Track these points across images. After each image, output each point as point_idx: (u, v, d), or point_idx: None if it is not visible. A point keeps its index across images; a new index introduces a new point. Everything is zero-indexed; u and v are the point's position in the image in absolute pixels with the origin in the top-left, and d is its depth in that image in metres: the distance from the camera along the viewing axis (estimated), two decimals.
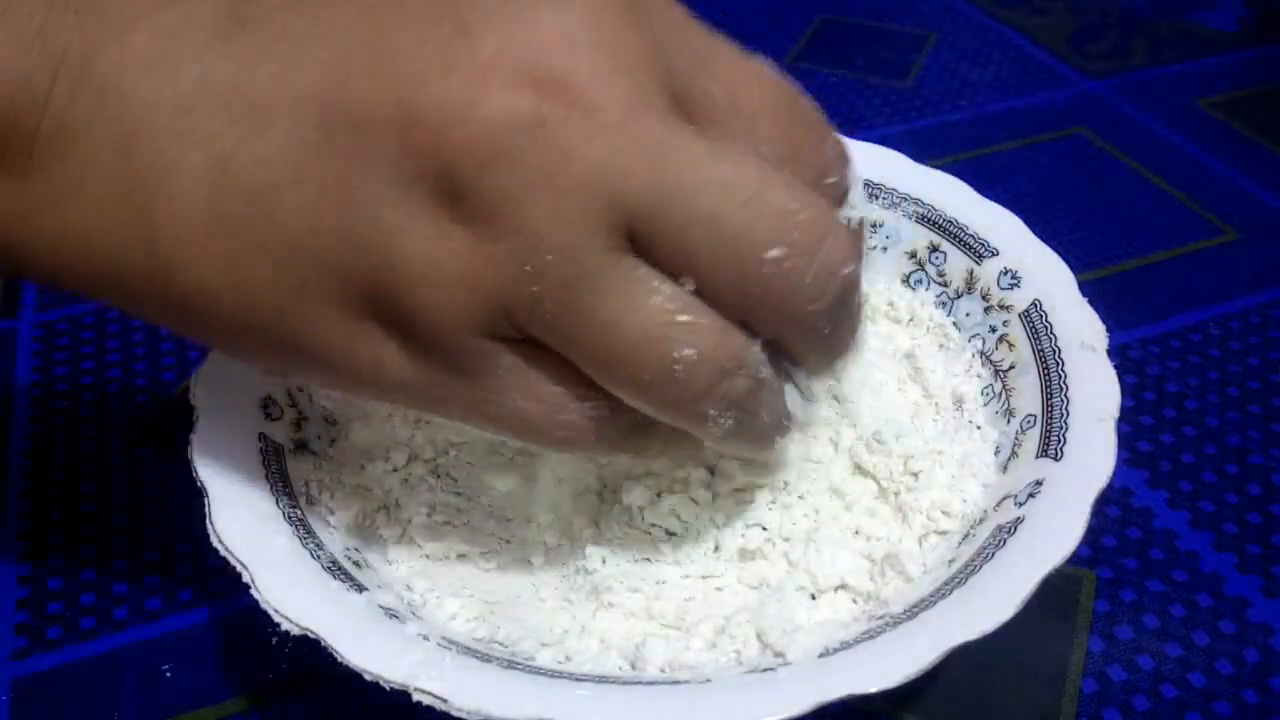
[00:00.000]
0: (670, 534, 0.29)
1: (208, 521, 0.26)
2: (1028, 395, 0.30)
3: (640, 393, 0.22)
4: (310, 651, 0.24)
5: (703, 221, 0.20)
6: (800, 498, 0.30)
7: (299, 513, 0.28)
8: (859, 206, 0.24)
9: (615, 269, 0.21)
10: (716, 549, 0.29)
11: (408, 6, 0.21)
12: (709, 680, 0.24)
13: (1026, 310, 0.32)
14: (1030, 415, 0.30)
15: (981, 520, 0.28)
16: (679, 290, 0.21)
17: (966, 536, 0.28)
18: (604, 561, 0.28)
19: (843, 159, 0.24)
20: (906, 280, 0.36)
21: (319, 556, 0.26)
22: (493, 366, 0.22)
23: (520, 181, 0.20)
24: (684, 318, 0.21)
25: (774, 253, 0.21)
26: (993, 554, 0.25)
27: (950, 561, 0.27)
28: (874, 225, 0.37)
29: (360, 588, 0.26)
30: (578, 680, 0.24)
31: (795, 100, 0.23)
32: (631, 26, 0.21)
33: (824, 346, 0.24)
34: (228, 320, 0.22)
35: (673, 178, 0.20)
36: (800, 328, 0.22)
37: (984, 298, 0.34)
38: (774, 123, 0.22)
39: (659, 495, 0.29)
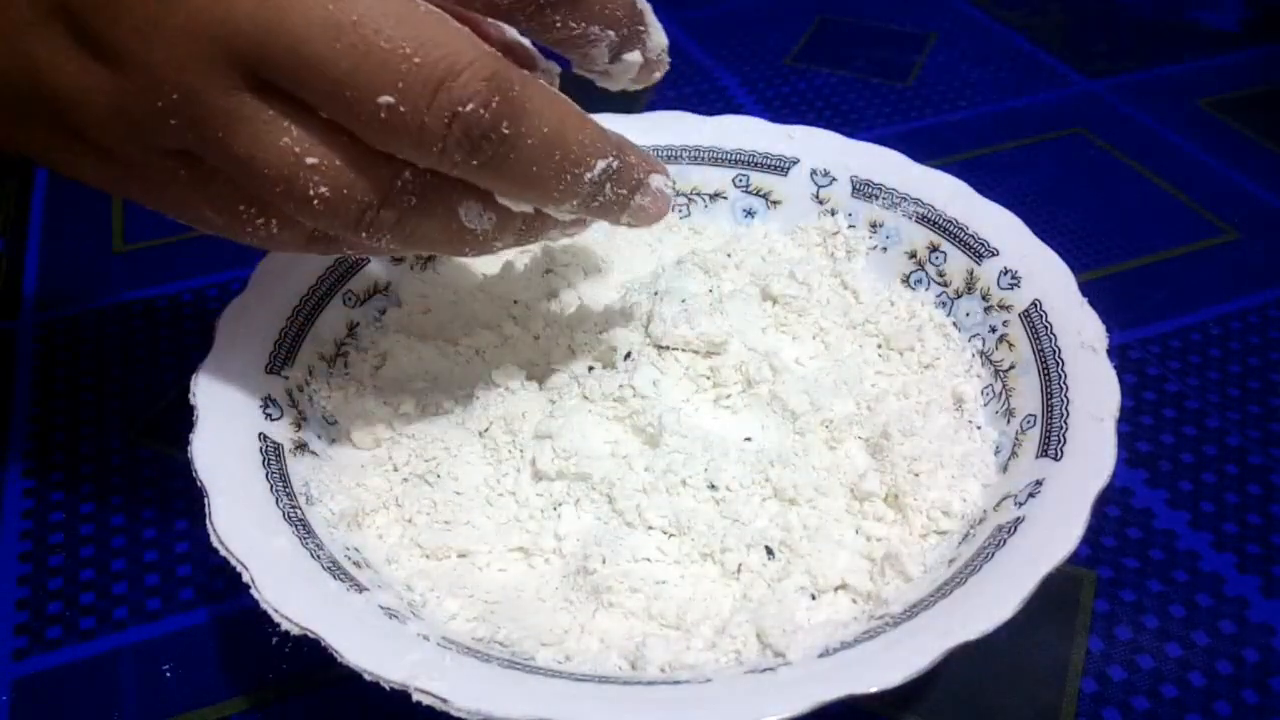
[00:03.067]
0: (670, 534, 0.29)
1: (208, 521, 0.26)
2: (1028, 395, 0.30)
3: (296, 215, 0.24)
4: (310, 651, 0.24)
5: (311, 66, 0.21)
6: (800, 497, 0.30)
7: (299, 513, 0.28)
8: None
9: (241, 109, 0.22)
10: (717, 549, 0.29)
11: None
12: (709, 680, 0.24)
13: (1026, 310, 0.32)
14: (1030, 415, 0.30)
15: (981, 520, 0.28)
16: (310, 133, 0.22)
17: (966, 536, 0.28)
18: (604, 561, 0.28)
19: None
20: (906, 280, 0.36)
21: (319, 556, 0.26)
22: (167, 174, 0.23)
23: (133, 27, 0.21)
24: (312, 160, 0.22)
25: (384, 99, 0.21)
26: (993, 554, 0.25)
27: (950, 561, 0.27)
28: (874, 225, 0.37)
29: (360, 588, 0.26)
30: (578, 680, 0.24)
31: None
32: None
33: (491, 179, 0.24)
34: None
35: (276, 18, 0.21)
36: (437, 162, 0.23)
37: (984, 298, 0.34)
38: None
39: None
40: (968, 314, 0.34)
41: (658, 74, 0.28)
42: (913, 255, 0.36)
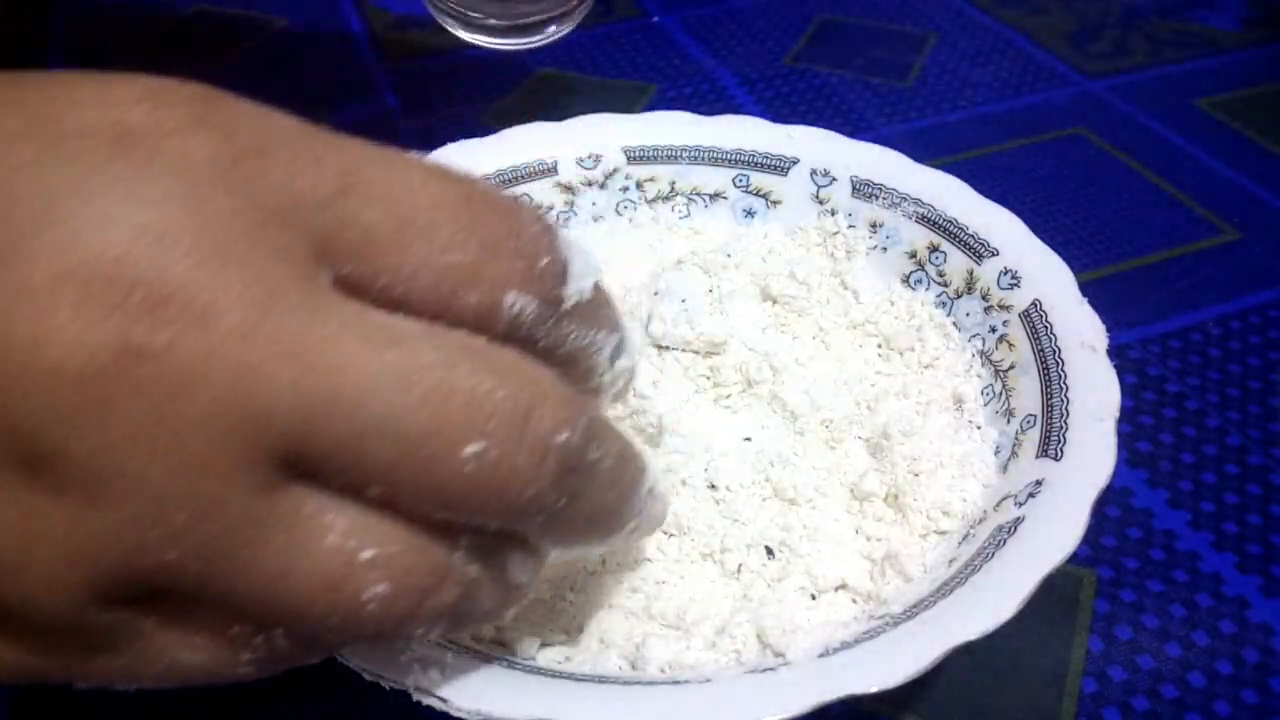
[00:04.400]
0: (670, 534, 0.29)
1: None
2: (1028, 395, 0.30)
3: (331, 637, 0.19)
4: None
5: (378, 430, 0.17)
6: (800, 497, 0.30)
7: None
8: (587, 275, 0.21)
9: (275, 510, 0.17)
10: (717, 549, 0.29)
11: None
12: (709, 680, 0.24)
13: (1026, 310, 0.32)
14: (1030, 415, 0.30)
15: (981, 520, 0.28)
16: (359, 517, 0.18)
17: (966, 536, 0.28)
18: (604, 562, 0.28)
19: (548, 233, 0.20)
20: (906, 280, 0.36)
21: None
22: (135, 631, 0.18)
23: (122, 436, 0.16)
24: (368, 553, 0.18)
25: (472, 448, 0.17)
26: (993, 554, 0.25)
27: (950, 561, 0.27)
28: (874, 225, 0.37)
29: None
30: (578, 680, 0.24)
31: (468, 189, 0.19)
32: (234, 188, 0.17)
33: (562, 522, 0.20)
34: None
35: (328, 383, 0.16)
36: (523, 514, 0.19)
37: (984, 298, 0.34)
38: (454, 222, 0.18)
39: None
40: (968, 314, 0.34)
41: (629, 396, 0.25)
42: (913, 255, 0.36)
